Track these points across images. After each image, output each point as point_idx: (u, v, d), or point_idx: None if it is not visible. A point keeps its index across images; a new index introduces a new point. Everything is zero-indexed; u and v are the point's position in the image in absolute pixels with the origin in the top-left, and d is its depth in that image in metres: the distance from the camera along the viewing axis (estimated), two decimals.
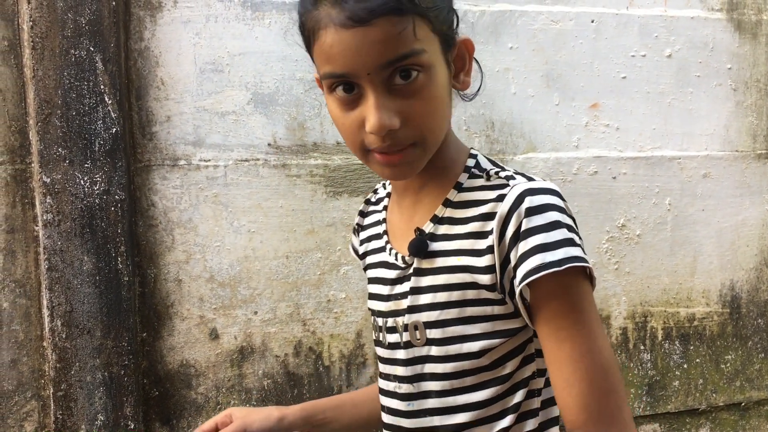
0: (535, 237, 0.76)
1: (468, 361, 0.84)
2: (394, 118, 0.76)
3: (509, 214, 0.78)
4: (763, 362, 2.21)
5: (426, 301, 0.86)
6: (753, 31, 2.09)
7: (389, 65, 0.75)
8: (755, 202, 2.15)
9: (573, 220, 0.81)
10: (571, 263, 0.75)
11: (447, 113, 0.84)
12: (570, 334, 0.77)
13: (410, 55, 0.75)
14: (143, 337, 1.75)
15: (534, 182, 0.81)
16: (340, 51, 0.75)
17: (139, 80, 1.71)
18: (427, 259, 0.86)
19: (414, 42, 0.75)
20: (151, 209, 1.74)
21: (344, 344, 1.87)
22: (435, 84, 0.78)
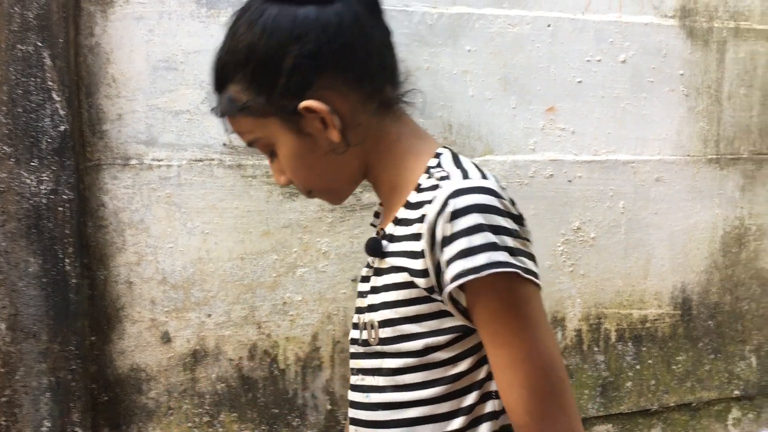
0: (458, 242, 0.77)
1: (414, 359, 0.85)
2: (282, 177, 0.94)
3: (436, 219, 0.79)
4: (713, 363, 2.26)
5: (380, 300, 0.88)
6: (705, 38, 2.14)
7: (251, 147, 0.94)
8: (706, 206, 2.20)
9: (512, 217, 0.81)
10: (492, 269, 0.75)
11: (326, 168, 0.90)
12: (506, 339, 0.78)
13: (252, 143, 0.92)
14: (92, 340, 1.70)
15: (465, 182, 0.81)
16: None
17: (89, 77, 1.67)
18: (384, 260, 0.89)
19: (248, 134, 0.90)
20: (101, 209, 1.69)
21: (300, 347, 1.85)
22: (286, 157, 0.89)
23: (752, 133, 2.22)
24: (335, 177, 0.92)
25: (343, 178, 0.93)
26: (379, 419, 0.89)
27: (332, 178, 0.92)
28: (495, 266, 0.76)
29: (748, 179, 2.23)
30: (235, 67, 0.86)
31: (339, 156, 0.89)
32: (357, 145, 0.89)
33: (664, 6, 2.09)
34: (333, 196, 0.98)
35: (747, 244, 2.26)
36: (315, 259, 1.84)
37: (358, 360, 0.95)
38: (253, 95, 0.85)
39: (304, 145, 0.88)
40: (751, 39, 2.19)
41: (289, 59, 0.82)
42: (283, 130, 0.87)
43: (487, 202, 0.78)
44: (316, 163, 0.89)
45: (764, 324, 2.31)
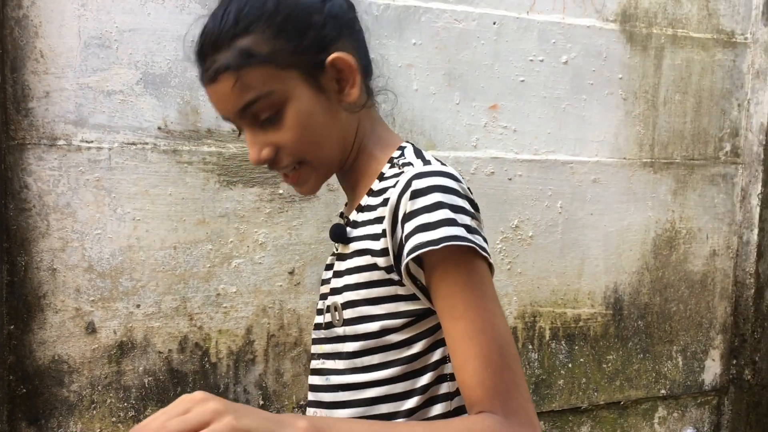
0: (418, 218, 0.80)
1: (371, 340, 0.88)
2: (265, 151, 0.89)
3: (399, 199, 0.82)
4: (642, 363, 2.31)
5: (343, 283, 0.91)
6: (644, 43, 2.18)
7: (243, 111, 0.86)
8: (639, 209, 2.24)
9: (469, 201, 0.84)
10: (449, 242, 0.77)
11: (330, 133, 0.90)
12: (463, 312, 0.78)
13: (255, 101, 0.85)
14: (10, 330, 1.61)
15: (426, 166, 0.85)
16: (211, 101, 0.89)
17: (15, 51, 1.57)
18: (348, 245, 0.91)
19: (257, 89, 0.85)
20: (24, 191, 1.60)
21: (233, 340, 1.80)
22: (299, 113, 0.86)
23: (685, 138, 2.28)
24: (336, 144, 0.92)
25: (342, 146, 0.93)
26: (338, 400, 0.92)
27: (334, 145, 0.91)
28: (452, 239, 0.78)
29: (680, 183, 2.29)
30: (258, 16, 0.85)
31: (344, 121, 0.91)
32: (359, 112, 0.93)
33: (606, 10, 2.13)
34: (319, 173, 0.93)
35: (677, 247, 2.31)
36: (251, 250, 1.79)
37: (320, 345, 0.96)
38: (279, 44, 0.84)
39: (320, 103, 0.88)
40: (688, 47, 2.24)
41: (320, 16, 0.87)
42: (302, 85, 0.87)
43: (447, 184, 0.82)
44: (326, 125, 0.89)
45: (691, 325, 2.37)
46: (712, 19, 2.27)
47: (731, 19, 2.30)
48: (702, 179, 2.32)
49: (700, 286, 2.37)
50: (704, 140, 2.31)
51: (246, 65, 0.84)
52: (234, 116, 0.87)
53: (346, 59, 0.88)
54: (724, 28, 2.30)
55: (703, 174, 2.32)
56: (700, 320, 2.38)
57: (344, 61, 0.88)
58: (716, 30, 2.29)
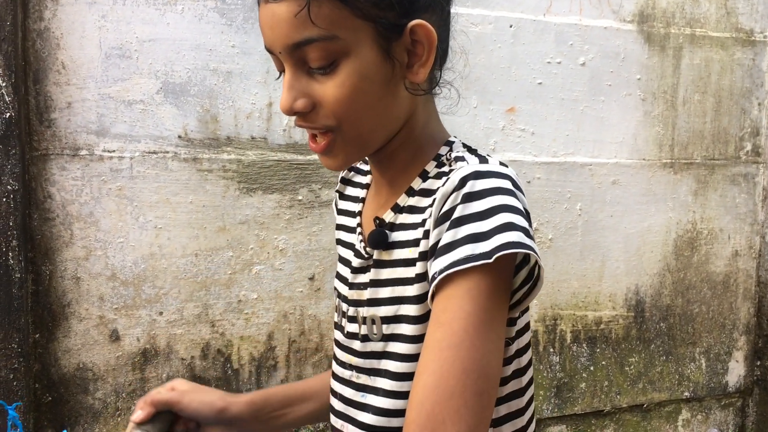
0: (469, 225, 0.69)
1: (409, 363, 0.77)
2: (302, 100, 0.75)
3: (448, 196, 0.71)
4: (665, 365, 2.29)
5: (385, 294, 0.81)
6: (662, 43, 2.17)
7: (297, 47, 0.73)
8: (660, 210, 2.23)
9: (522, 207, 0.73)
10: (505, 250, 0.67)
11: (380, 108, 0.78)
12: (450, 318, 0.68)
13: (313, 41, 0.72)
14: (36, 338, 1.63)
15: (484, 165, 0.73)
16: (261, 25, 0.76)
17: (37, 63, 1.60)
18: (387, 251, 0.81)
19: (322, 27, 0.72)
20: (48, 201, 1.62)
21: (255, 347, 1.81)
22: (355, 75, 0.74)
23: (705, 138, 2.27)
24: (381, 122, 0.79)
25: (386, 126, 0.80)
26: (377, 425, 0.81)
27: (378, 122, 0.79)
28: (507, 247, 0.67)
29: (700, 184, 2.27)
30: None
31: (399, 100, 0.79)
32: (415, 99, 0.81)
33: (623, 10, 2.12)
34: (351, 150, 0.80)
35: (699, 248, 2.30)
36: (272, 257, 1.80)
37: (353, 357, 0.86)
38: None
39: (381, 71, 0.76)
40: (706, 46, 2.23)
41: None
42: (370, 43, 0.75)
43: (506, 186, 0.72)
44: (377, 97, 0.77)
45: (714, 327, 2.35)
46: (730, 17, 2.26)
47: (750, 18, 2.28)
48: (723, 179, 2.30)
49: (722, 287, 2.34)
50: (724, 140, 2.29)
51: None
52: (282, 50, 0.74)
53: (430, 30, 0.76)
54: (743, 26, 2.28)
55: (723, 174, 2.30)
56: (723, 321, 2.36)
57: (427, 31, 0.76)
58: (735, 29, 2.27)
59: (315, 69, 0.74)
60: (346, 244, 0.92)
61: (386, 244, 0.81)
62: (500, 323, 0.71)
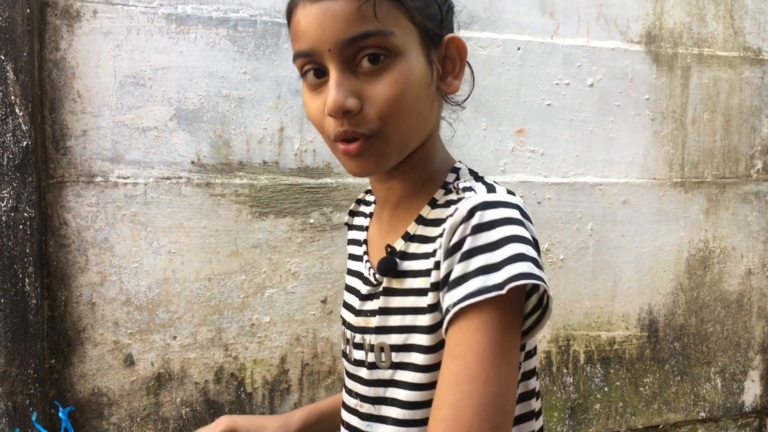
0: (479, 257, 0.69)
1: (426, 391, 0.78)
2: (353, 99, 0.74)
3: (456, 228, 0.72)
4: (680, 385, 2.27)
5: (395, 323, 0.81)
6: (669, 63, 2.18)
7: (351, 43, 0.73)
8: (671, 229, 2.23)
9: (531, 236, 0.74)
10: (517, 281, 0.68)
11: (422, 112, 0.79)
12: (463, 352, 0.68)
13: (374, 34, 0.73)
14: (52, 363, 1.64)
15: (492, 195, 0.74)
16: (306, 25, 0.74)
17: (53, 92, 1.63)
18: (397, 279, 0.81)
19: (381, 23, 0.73)
20: (64, 228, 1.64)
21: (268, 370, 1.81)
22: (406, 73, 0.75)
23: (716, 157, 2.27)
24: (420, 126, 0.80)
25: (422, 132, 0.81)
26: None
27: (417, 126, 0.79)
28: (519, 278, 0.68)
29: (712, 203, 2.27)
30: None
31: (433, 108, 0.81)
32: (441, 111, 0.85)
33: (630, 31, 2.13)
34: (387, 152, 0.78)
35: (711, 267, 2.29)
36: (284, 280, 1.81)
37: (359, 384, 0.86)
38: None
39: (425, 73, 0.78)
40: (714, 65, 2.23)
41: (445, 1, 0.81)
42: (417, 46, 0.77)
43: (515, 216, 0.72)
44: (420, 101, 0.78)
45: (728, 346, 2.33)
46: (738, 37, 2.27)
47: (757, 37, 2.29)
48: (734, 197, 2.30)
49: (736, 305, 2.33)
50: (735, 158, 2.29)
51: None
52: (335, 46, 0.73)
53: (463, 44, 0.80)
54: (751, 45, 2.29)
55: (735, 192, 2.30)
56: (737, 340, 2.35)
57: (461, 45, 0.80)
58: (743, 48, 2.28)
59: (364, 69, 0.74)
60: (354, 273, 0.93)
61: (396, 272, 0.81)
62: (514, 354, 0.71)
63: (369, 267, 0.88)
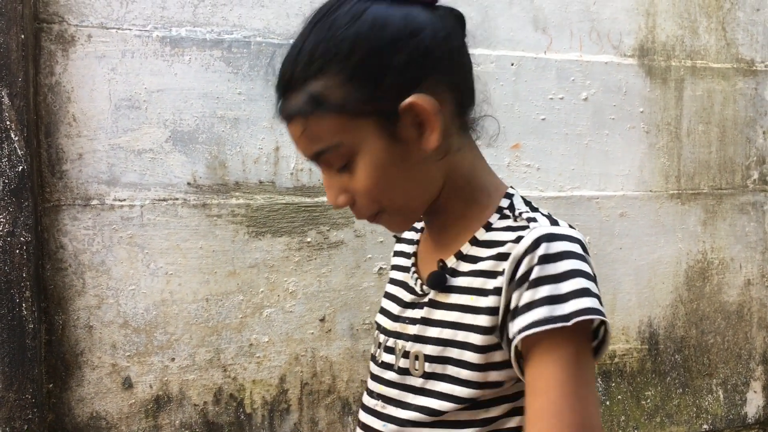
0: (546, 287, 0.73)
1: (452, 404, 0.81)
2: (342, 197, 0.82)
3: (522, 257, 0.75)
4: (681, 397, 2.26)
5: (433, 334, 0.84)
6: (663, 76, 2.19)
7: (314, 158, 0.81)
8: (669, 241, 2.22)
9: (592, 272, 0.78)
10: (583, 316, 0.71)
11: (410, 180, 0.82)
12: (545, 387, 0.72)
13: (324, 152, 0.80)
14: (49, 388, 1.64)
15: (556, 227, 0.77)
16: None
17: (48, 116, 1.63)
18: (443, 293, 0.85)
19: (326, 139, 0.79)
20: (60, 251, 1.64)
21: (267, 390, 1.80)
22: (369, 165, 0.79)
23: (711, 168, 2.27)
24: (417, 192, 0.83)
25: (424, 193, 0.84)
26: None
27: (414, 193, 0.83)
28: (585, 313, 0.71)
29: (709, 214, 2.27)
30: (331, 59, 0.76)
31: (426, 168, 0.82)
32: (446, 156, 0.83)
33: (623, 45, 2.14)
34: (403, 218, 0.86)
35: (710, 278, 2.28)
36: (282, 299, 1.81)
37: (382, 386, 0.89)
38: (351, 92, 0.76)
39: (394, 153, 0.79)
40: (708, 77, 2.24)
41: (402, 56, 0.77)
42: (375, 135, 0.78)
43: (578, 251, 0.76)
44: (402, 175, 0.81)
45: (730, 357, 2.33)
46: (730, 48, 2.28)
47: (750, 48, 2.31)
48: (731, 208, 2.30)
49: (736, 316, 2.33)
50: (731, 169, 2.30)
51: (314, 113, 0.77)
52: (308, 158, 0.82)
53: (422, 104, 0.77)
54: (744, 56, 2.30)
55: (732, 203, 2.30)
56: (738, 351, 2.34)
57: (420, 107, 0.77)
58: (735, 59, 2.29)
59: (340, 168, 0.81)
60: (397, 282, 0.96)
61: (444, 286, 0.84)
62: (593, 384, 0.74)
63: (417, 278, 0.91)
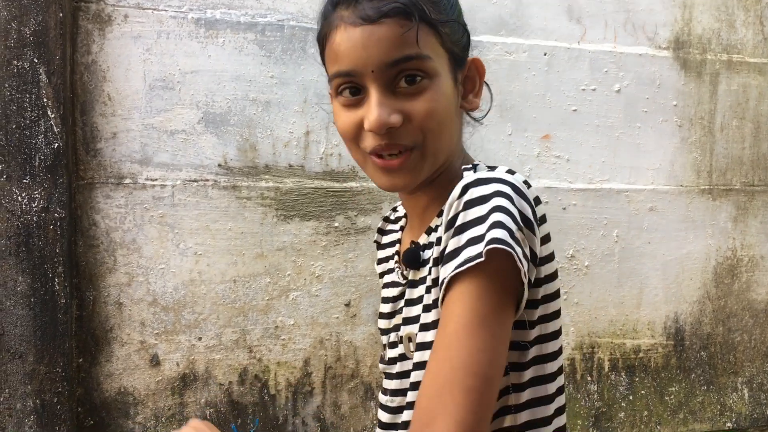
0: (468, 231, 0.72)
1: None
2: (395, 115, 0.79)
3: (451, 205, 0.75)
4: (706, 395, 2.24)
5: (416, 312, 0.85)
6: (698, 69, 2.16)
7: (393, 65, 0.78)
8: (699, 236, 2.20)
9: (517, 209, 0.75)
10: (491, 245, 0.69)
11: (452, 127, 0.84)
12: (445, 322, 0.71)
13: (415, 58, 0.78)
14: (79, 362, 1.66)
15: (487, 173, 0.77)
16: (348, 48, 0.79)
17: (84, 95, 1.65)
18: (419, 270, 0.86)
19: (420, 48, 0.78)
20: (93, 229, 1.67)
21: (291, 372, 1.82)
22: (440, 92, 0.81)
23: (744, 164, 2.24)
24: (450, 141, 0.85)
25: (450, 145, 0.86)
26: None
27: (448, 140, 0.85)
28: (493, 243, 0.69)
29: (740, 210, 2.24)
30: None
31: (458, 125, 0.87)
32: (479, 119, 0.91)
33: (658, 37, 2.12)
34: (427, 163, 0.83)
35: (739, 275, 2.26)
36: (308, 283, 1.82)
37: (390, 381, 0.91)
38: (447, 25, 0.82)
39: (454, 93, 0.84)
40: (744, 72, 2.21)
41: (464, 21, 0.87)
42: (447, 69, 0.82)
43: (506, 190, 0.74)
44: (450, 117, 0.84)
45: (756, 356, 2.30)
46: None
47: None
48: (763, 205, 2.27)
49: (764, 315, 2.30)
50: (764, 166, 2.26)
51: (424, 20, 0.79)
52: (377, 67, 0.78)
53: (482, 65, 0.88)
54: None
55: (764, 200, 2.27)
56: (765, 350, 2.31)
57: (480, 65, 0.88)
58: None
59: (403, 89, 0.79)
60: (388, 285, 0.97)
61: (418, 263, 0.86)
62: (496, 321, 0.71)
63: (399, 271, 0.93)
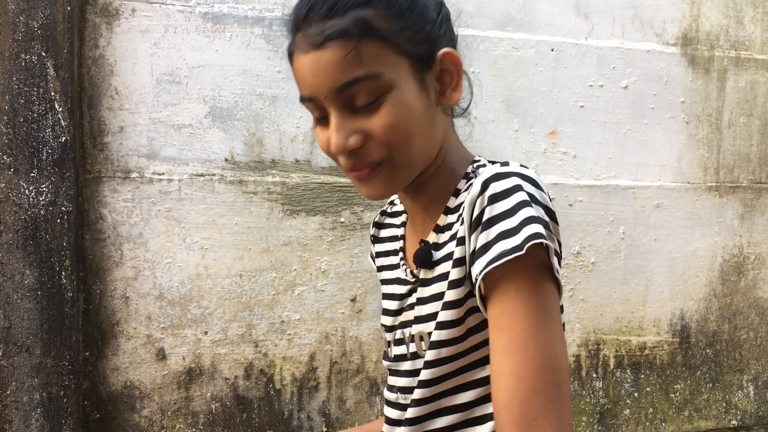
0: (498, 224, 0.72)
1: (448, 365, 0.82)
2: (353, 138, 0.79)
3: (474, 202, 0.75)
4: (711, 392, 2.24)
5: (429, 311, 0.84)
6: (706, 66, 2.15)
7: (343, 89, 0.77)
8: (705, 234, 2.19)
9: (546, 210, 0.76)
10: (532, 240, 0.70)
11: (425, 131, 0.82)
12: (509, 322, 0.71)
13: (363, 79, 0.77)
14: (86, 356, 1.67)
15: (503, 168, 0.77)
16: (303, 75, 0.79)
17: (92, 88, 1.65)
18: (430, 270, 0.85)
19: (368, 66, 0.76)
20: (100, 222, 1.67)
21: (297, 367, 1.82)
22: (400, 104, 0.79)
23: (752, 161, 2.23)
24: (424, 147, 0.83)
25: (428, 150, 0.84)
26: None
27: (422, 148, 0.83)
28: (535, 237, 0.70)
29: (747, 208, 2.23)
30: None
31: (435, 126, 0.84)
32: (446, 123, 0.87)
33: (666, 34, 2.11)
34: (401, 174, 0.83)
35: (746, 273, 2.25)
36: (314, 278, 1.82)
37: (399, 378, 0.90)
38: (398, 27, 0.78)
39: (420, 98, 0.80)
40: (752, 68, 2.20)
41: (435, 13, 0.83)
42: (408, 75, 0.80)
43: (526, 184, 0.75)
44: (420, 125, 0.81)
45: (762, 354, 2.30)
46: None
47: None
48: None
49: None
50: None
51: (365, 36, 0.76)
52: (329, 93, 0.78)
53: (456, 57, 0.82)
54: None
55: None
56: None
57: (454, 58, 0.82)
58: None
59: (361, 107, 0.78)
60: (390, 281, 0.96)
61: (431, 262, 0.85)
62: (555, 312, 0.73)
63: (406, 268, 0.92)
